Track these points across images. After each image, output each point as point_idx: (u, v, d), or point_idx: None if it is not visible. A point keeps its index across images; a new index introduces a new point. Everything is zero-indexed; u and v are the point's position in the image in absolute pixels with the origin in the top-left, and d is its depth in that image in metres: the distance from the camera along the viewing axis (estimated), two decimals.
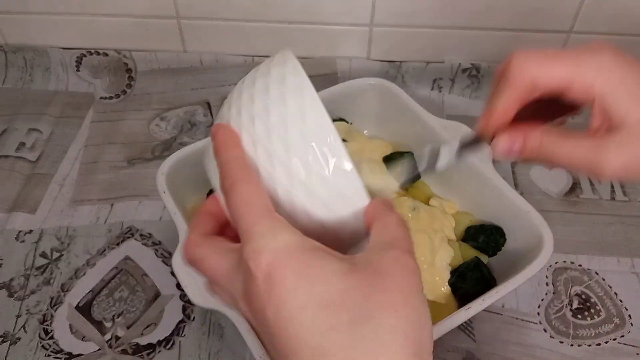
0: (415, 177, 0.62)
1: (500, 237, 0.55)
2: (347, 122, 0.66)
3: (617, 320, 0.56)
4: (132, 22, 0.77)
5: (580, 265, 0.60)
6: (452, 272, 0.53)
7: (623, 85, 0.32)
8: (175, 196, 0.54)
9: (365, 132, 0.68)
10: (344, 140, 0.64)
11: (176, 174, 0.56)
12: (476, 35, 0.75)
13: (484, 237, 0.55)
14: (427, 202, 0.60)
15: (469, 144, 0.39)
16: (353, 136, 0.65)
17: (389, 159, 0.62)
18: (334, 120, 0.65)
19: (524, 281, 0.48)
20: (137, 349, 0.53)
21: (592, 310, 0.57)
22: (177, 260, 0.48)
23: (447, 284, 0.53)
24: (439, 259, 0.54)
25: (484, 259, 0.55)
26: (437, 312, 0.50)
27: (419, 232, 0.55)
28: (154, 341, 0.54)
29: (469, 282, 0.51)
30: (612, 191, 0.67)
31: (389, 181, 0.61)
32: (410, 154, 0.61)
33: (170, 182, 0.54)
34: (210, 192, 0.58)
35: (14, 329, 0.55)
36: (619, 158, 0.31)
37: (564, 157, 0.33)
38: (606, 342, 0.55)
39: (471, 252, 0.55)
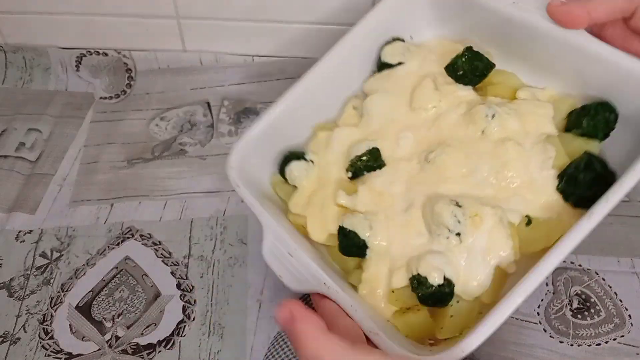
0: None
1: (610, 113, 0.44)
2: (402, 41, 0.55)
3: (617, 320, 0.56)
4: (132, 22, 0.77)
5: (580, 265, 0.60)
6: (560, 176, 0.43)
7: None
8: (246, 183, 0.49)
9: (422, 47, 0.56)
10: (400, 63, 0.54)
11: (247, 161, 0.50)
12: None
13: (589, 119, 0.44)
14: (514, 97, 0.50)
15: None
16: (412, 53, 0.55)
17: (452, 66, 0.52)
18: (391, 41, 0.55)
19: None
20: (137, 349, 0.53)
21: (592, 310, 0.57)
22: (267, 252, 0.45)
23: (556, 192, 0.44)
24: (535, 166, 0.44)
25: (594, 146, 0.45)
26: (553, 228, 0.42)
27: (504, 141, 0.46)
28: (154, 341, 0.54)
29: (582, 185, 0.41)
30: None
31: (460, 90, 0.51)
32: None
33: (241, 173, 0.49)
34: (281, 167, 0.53)
35: (14, 329, 0.55)
36: None
37: None
38: (606, 342, 0.55)
39: (578, 143, 0.44)
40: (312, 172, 0.52)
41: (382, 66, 0.55)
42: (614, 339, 0.55)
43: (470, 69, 0.51)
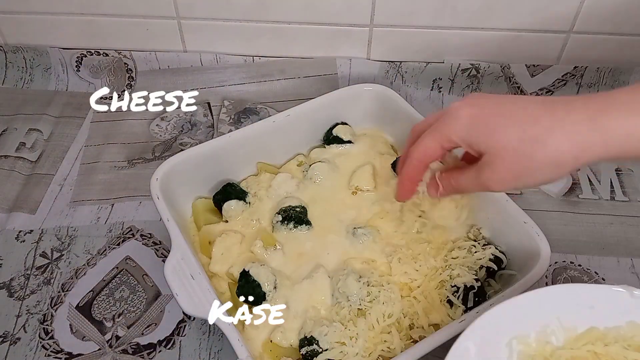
0: None
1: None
2: (350, 126, 0.65)
3: None
4: (132, 22, 0.77)
5: (580, 265, 0.60)
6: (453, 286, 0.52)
7: (469, 128, 0.41)
8: (169, 201, 0.53)
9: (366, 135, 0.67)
10: (349, 142, 0.64)
11: (171, 179, 0.55)
12: (476, 35, 0.75)
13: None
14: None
15: None
16: (359, 137, 0.65)
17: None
18: (337, 124, 0.65)
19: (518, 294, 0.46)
20: (138, 349, 0.54)
21: None
22: (169, 268, 0.48)
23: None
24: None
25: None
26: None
27: (425, 243, 0.54)
28: (155, 341, 0.54)
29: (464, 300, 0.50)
30: (612, 191, 0.67)
31: None
32: None
33: (165, 187, 0.54)
34: (216, 196, 0.58)
35: (14, 329, 0.55)
36: (493, 175, 0.40)
37: (466, 188, 0.45)
38: None
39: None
40: (246, 213, 0.58)
41: (332, 140, 0.64)
42: None
43: None
